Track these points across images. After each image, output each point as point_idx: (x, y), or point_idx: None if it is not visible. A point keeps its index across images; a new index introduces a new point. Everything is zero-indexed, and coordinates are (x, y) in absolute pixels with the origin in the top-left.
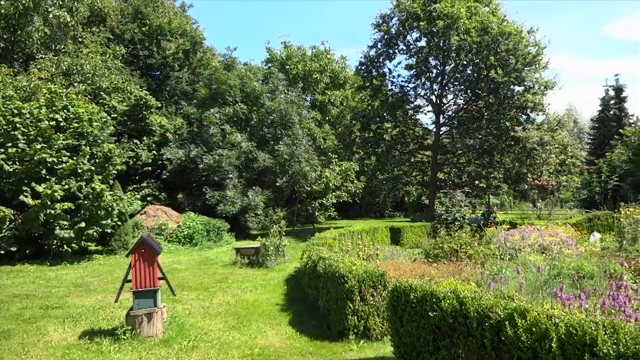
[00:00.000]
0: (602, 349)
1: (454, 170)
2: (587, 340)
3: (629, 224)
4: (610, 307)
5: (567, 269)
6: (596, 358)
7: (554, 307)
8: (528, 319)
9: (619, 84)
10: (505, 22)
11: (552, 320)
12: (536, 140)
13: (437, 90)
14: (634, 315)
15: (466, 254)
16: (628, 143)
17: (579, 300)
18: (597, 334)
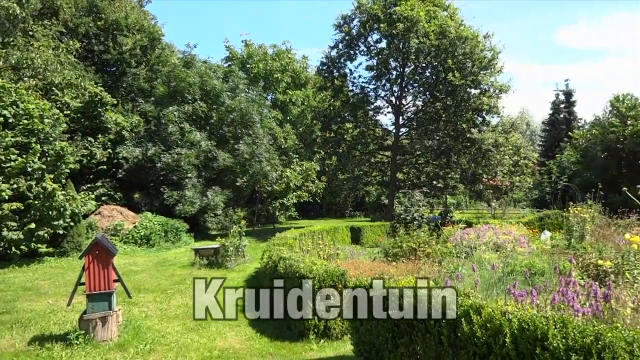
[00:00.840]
0: (552, 342)
1: (412, 171)
2: (538, 334)
3: (577, 222)
4: (559, 303)
5: (520, 266)
6: (547, 352)
7: (507, 304)
8: (483, 316)
9: (568, 89)
10: (462, 27)
11: (506, 316)
12: (491, 142)
13: (397, 92)
14: (582, 310)
15: (424, 253)
16: (576, 145)
17: (531, 296)
18: (548, 328)
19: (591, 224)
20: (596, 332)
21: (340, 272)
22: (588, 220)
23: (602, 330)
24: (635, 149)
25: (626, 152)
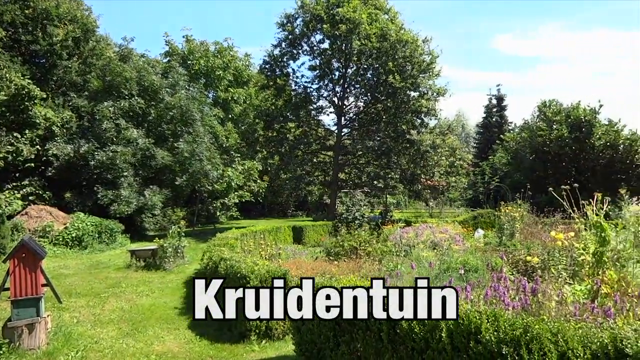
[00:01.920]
0: (485, 336)
1: (354, 171)
2: (472, 328)
3: (507, 221)
4: (492, 297)
5: (455, 263)
6: (480, 345)
7: None
8: None
9: (500, 94)
10: (402, 31)
11: None
12: (429, 144)
13: (339, 93)
14: (512, 304)
15: (365, 251)
16: (507, 147)
17: (465, 292)
18: (481, 322)
19: (520, 222)
20: (525, 325)
21: (283, 272)
22: (518, 219)
23: (530, 323)
24: (559, 151)
25: (552, 154)
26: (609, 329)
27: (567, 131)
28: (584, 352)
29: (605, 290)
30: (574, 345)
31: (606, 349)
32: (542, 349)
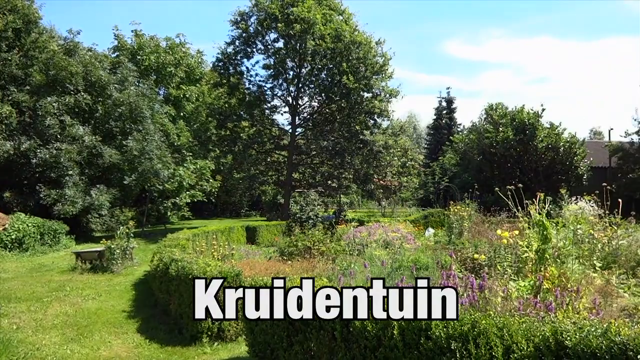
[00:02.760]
0: (435, 332)
1: (308, 171)
2: (423, 325)
3: (456, 220)
4: None
5: (407, 261)
6: (430, 341)
7: None
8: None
9: (450, 96)
10: (356, 32)
11: None
12: (382, 144)
13: (294, 92)
14: (460, 301)
15: (319, 251)
16: (456, 149)
17: None
18: (431, 319)
19: (469, 221)
20: (472, 320)
21: (236, 273)
22: (466, 218)
23: (477, 318)
24: (505, 153)
25: (498, 155)
26: (550, 322)
27: (512, 133)
28: (527, 345)
29: (547, 286)
30: (518, 339)
31: (547, 341)
32: (488, 344)
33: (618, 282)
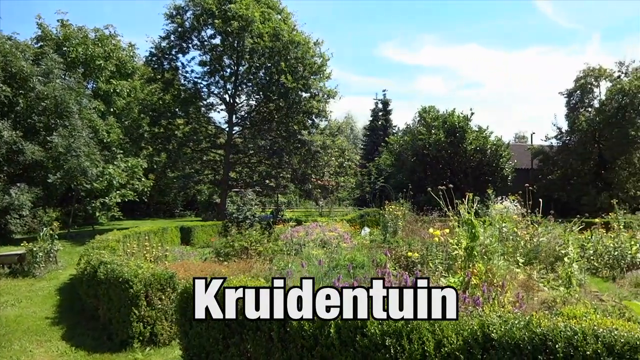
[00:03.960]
0: (370, 329)
1: (245, 170)
2: (359, 323)
3: (391, 219)
4: None
5: (344, 260)
6: (366, 338)
7: None
8: None
9: (386, 98)
10: (295, 32)
11: None
12: (320, 144)
13: (231, 90)
14: None
15: (256, 251)
16: (391, 150)
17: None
18: (367, 316)
19: (403, 220)
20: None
21: (169, 275)
22: (400, 217)
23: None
24: (437, 154)
25: (430, 157)
26: (478, 316)
27: (443, 136)
28: (457, 339)
29: (475, 282)
30: (449, 333)
31: (475, 334)
32: (421, 339)
33: (539, 277)
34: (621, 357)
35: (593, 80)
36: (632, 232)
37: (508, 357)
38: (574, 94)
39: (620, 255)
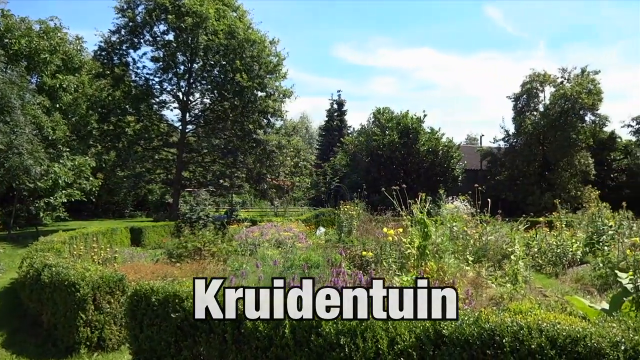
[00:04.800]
0: (325, 328)
1: (199, 169)
2: (314, 323)
3: (346, 219)
4: None
5: (299, 260)
6: (321, 337)
7: None
8: None
9: (341, 99)
10: (250, 30)
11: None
12: (275, 144)
13: (184, 87)
14: None
15: (210, 252)
16: (346, 150)
17: None
18: (322, 316)
19: (357, 220)
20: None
21: (118, 277)
22: (355, 217)
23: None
24: (391, 155)
25: (385, 157)
26: None
27: (397, 137)
28: (409, 337)
29: None
30: (402, 331)
31: (428, 332)
32: (375, 337)
33: (487, 274)
34: (563, 349)
35: (538, 85)
36: (573, 231)
37: (458, 353)
38: (520, 98)
39: (563, 253)
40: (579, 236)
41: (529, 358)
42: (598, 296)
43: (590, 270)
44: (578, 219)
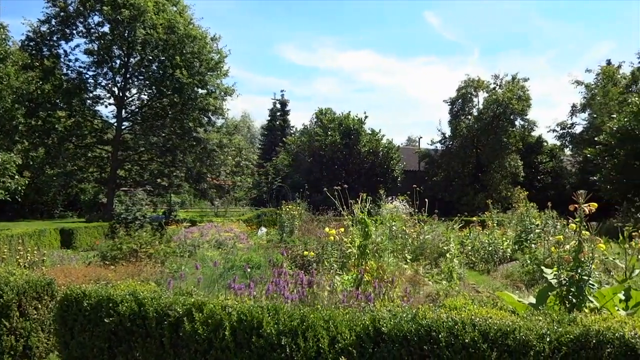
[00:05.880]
0: (266, 329)
1: (135, 168)
2: (255, 324)
3: (288, 219)
4: (273, 292)
5: (240, 261)
6: (262, 338)
7: (228, 298)
8: (205, 312)
9: (283, 99)
10: (191, 25)
11: (226, 310)
12: (216, 142)
13: (121, 83)
14: (291, 297)
15: (146, 254)
16: (289, 150)
17: (249, 289)
18: (263, 317)
19: (299, 220)
20: (301, 315)
21: (47, 282)
22: (297, 217)
23: (306, 313)
24: (333, 155)
25: (327, 157)
26: (370, 312)
27: (339, 137)
28: (350, 335)
29: (367, 278)
30: (342, 329)
31: (367, 329)
32: (316, 336)
33: (424, 272)
34: (494, 342)
35: (473, 90)
36: (504, 230)
37: (396, 349)
38: (456, 102)
39: (494, 250)
40: (509, 235)
41: (463, 352)
42: (526, 291)
43: (519, 266)
44: (508, 218)
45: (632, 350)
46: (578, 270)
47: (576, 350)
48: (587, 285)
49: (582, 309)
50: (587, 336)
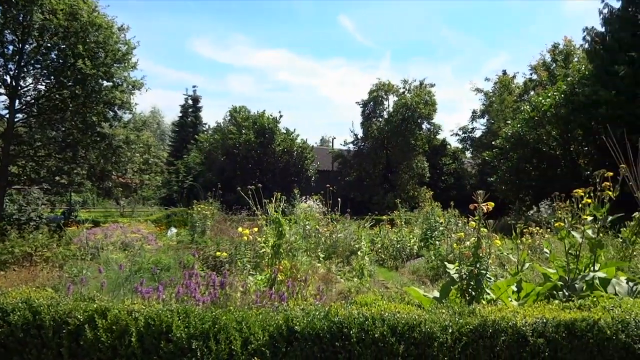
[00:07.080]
0: (176, 333)
1: (30, 164)
2: (163, 328)
3: (200, 219)
4: (184, 295)
5: (148, 263)
6: (171, 343)
7: (134, 302)
8: (109, 318)
9: (196, 95)
10: (96, 13)
11: (133, 315)
12: (122, 139)
13: (14, 71)
14: (202, 299)
15: (42, 258)
16: (201, 148)
17: (158, 292)
18: (172, 320)
19: (212, 219)
20: (213, 317)
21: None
22: (209, 217)
23: (218, 315)
24: (247, 154)
25: (241, 156)
26: (283, 311)
27: (254, 136)
28: (263, 335)
29: (281, 278)
30: (255, 330)
31: (281, 329)
32: (228, 338)
33: (337, 270)
34: (402, 335)
35: (383, 93)
36: (411, 227)
37: (309, 347)
38: (368, 104)
39: (402, 248)
40: (416, 232)
41: (373, 346)
42: (431, 286)
43: (424, 262)
44: (415, 216)
45: (523, 337)
46: (477, 265)
47: (475, 339)
48: (484, 278)
49: (481, 300)
50: (485, 326)
